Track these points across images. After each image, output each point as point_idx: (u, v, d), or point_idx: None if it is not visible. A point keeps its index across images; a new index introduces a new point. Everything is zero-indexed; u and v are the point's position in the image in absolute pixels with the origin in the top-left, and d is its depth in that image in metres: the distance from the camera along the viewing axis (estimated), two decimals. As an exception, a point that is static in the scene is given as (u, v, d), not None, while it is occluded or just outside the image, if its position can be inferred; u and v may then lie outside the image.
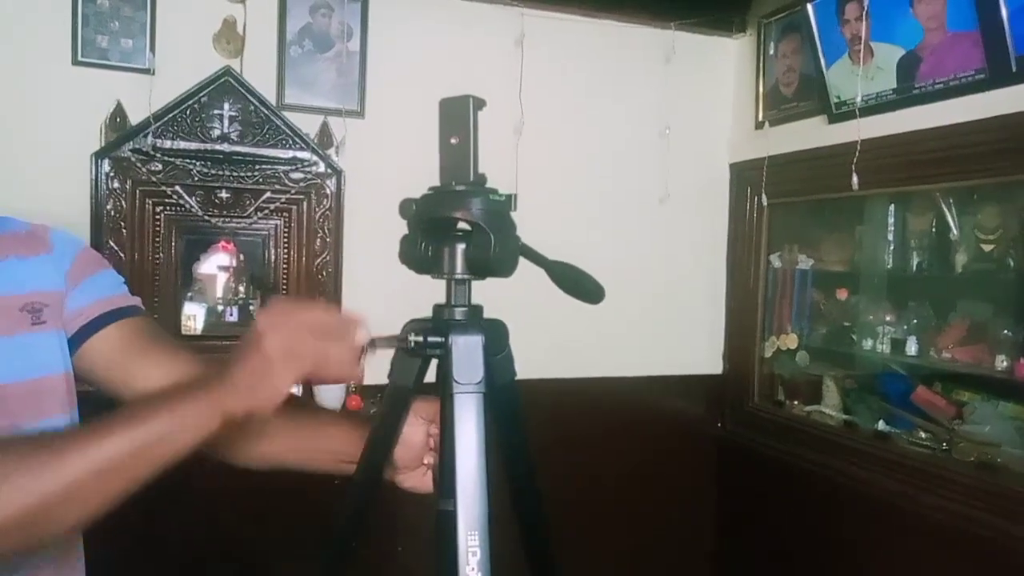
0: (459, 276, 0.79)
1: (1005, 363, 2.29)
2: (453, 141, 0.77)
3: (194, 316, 2.61)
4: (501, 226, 0.76)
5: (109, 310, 0.96)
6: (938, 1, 2.27)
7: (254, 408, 0.77)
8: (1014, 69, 2.09)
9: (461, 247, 0.78)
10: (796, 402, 3.05)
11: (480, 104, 0.76)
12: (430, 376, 0.81)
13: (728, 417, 3.27)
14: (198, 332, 2.63)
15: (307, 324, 0.76)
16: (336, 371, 0.78)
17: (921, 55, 2.37)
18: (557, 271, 0.84)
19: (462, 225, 0.77)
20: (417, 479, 0.98)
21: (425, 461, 0.97)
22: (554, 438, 2.95)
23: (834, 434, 2.77)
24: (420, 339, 0.76)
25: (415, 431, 0.93)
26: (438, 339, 0.77)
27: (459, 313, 0.79)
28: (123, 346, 0.95)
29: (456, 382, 0.76)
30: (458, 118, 0.77)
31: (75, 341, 0.94)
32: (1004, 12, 2.07)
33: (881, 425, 2.66)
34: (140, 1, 2.51)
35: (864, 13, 2.47)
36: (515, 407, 0.81)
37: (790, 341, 3.05)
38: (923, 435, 2.51)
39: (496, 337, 0.79)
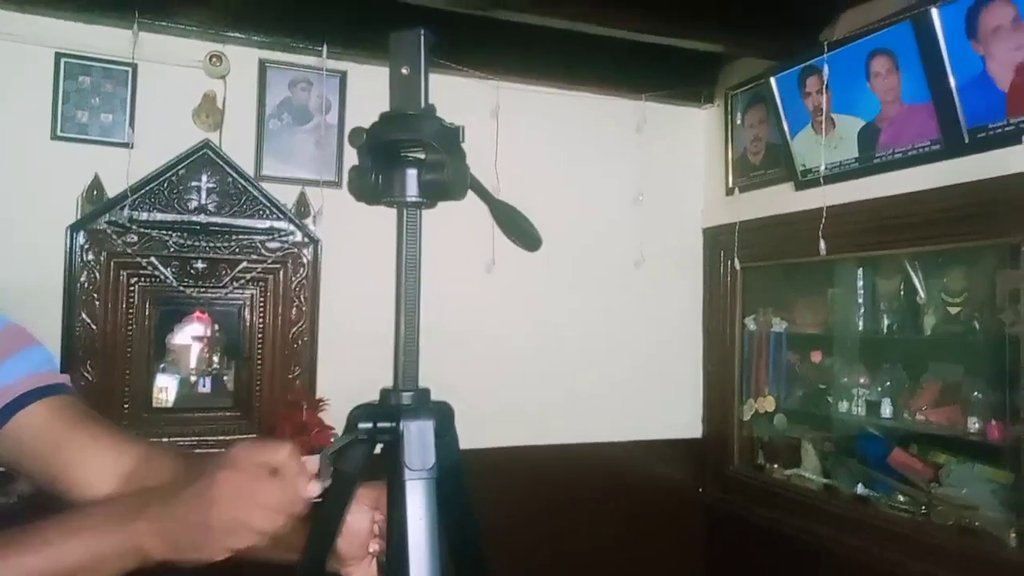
0: (411, 199, 0.77)
1: (978, 425, 2.30)
2: (404, 71, 0.77)
3: (166, 388, 2.58)
4: (453, 149, 0.76)
5: (36, 387, 0.90)
6: (893, 76, 2.37)
7: (174, 560, 0.72)
8: (967, 140, 2.18)
9: (413, 172, 0.77)
10: (776, 465, 3.03)
11: (430, 39, 0.77)
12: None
13: (710, 482, 3.24)
14: (170, 404, 2.60)
15: (265, 492, 0.72)
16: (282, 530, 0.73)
17: (880, 126, 2.46)
18: (500, 211, 0.83)
19: (414, 155, 0.76)
20: (363, 569, 0.93)
21: (370, 550, 0.92)
22: (534, 506, 2.92)
23: (815, 498, 2.75)
24: (370, 425, 0.76)
25: (359, 519, 0.89)
26: (388, 424, 0.76)
27: (408, 397, 0.79)
28: (51, 426, 0.89)
29: (408, 468, 0.75)
30: (409, 50, 0.77)
31: None
32: (953, 86, 2.16)
33: (860, 488, 2.64)
34: (122, 77, 2.57)
35: (824, 86, 2.57)
36: (461, 490, 0.80)
37: (768, 404, 3.06)
38: (902, 498, 2.50)
39: (443, 420, 0.79)
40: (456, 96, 2.86)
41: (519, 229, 0.85)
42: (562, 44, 2.77)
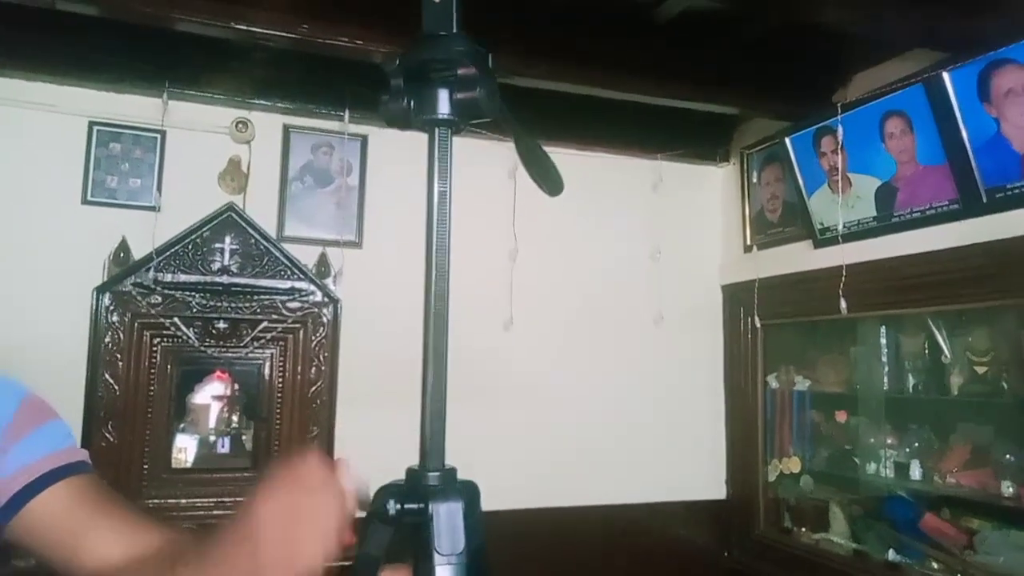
0: (443, 116, 0.77)
1: (1011, 489, 2.24)
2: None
3: (185, 448, 2.57)
4: (483, 69, 0.76)
5: (56, 467, 0.87)
6: (907, 136, 2.39)
7: None
8: (985, 200, 2.18)
9: (444, 91, 0.77)
10: (803, 529, 2.95)
11: None
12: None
13: (735, 545, 3.15)
14: (189, 465, 2.59)
15: (310, 514, 0.71)
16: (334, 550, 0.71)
17: (897, 186, 2.47)
18: (526, 146, 0.82)
19: (445, 74, 0.76)
20: None
21: None
22: (554, 571, 2.85)
23: (845, 564, 2.67)
24: (398, 507, 0.75)
25: None
26: (416, 506, 0.75)
27: (435, 478, 0.78)
28: (70, 510, 0.86)
29: (439, 554, 0.74)
30: None
31: (16, 502, 0.85)
32: (969, 148, 2.18)
33: (891, 555, 2.56)
34: (151, 143, 2.65)
35: (839, 146, 2.59)
36: (485, 571, 0.78)
37: (793, 465, 2.99)
38: (935, 565, 2.41)
39: (470, 500, 0.78)
40: (475, 157, 2.92)
41: (543, 170, 0.85)
42: (578, 106, 2.82)
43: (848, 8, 2.07)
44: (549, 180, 0.86)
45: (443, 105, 0.78)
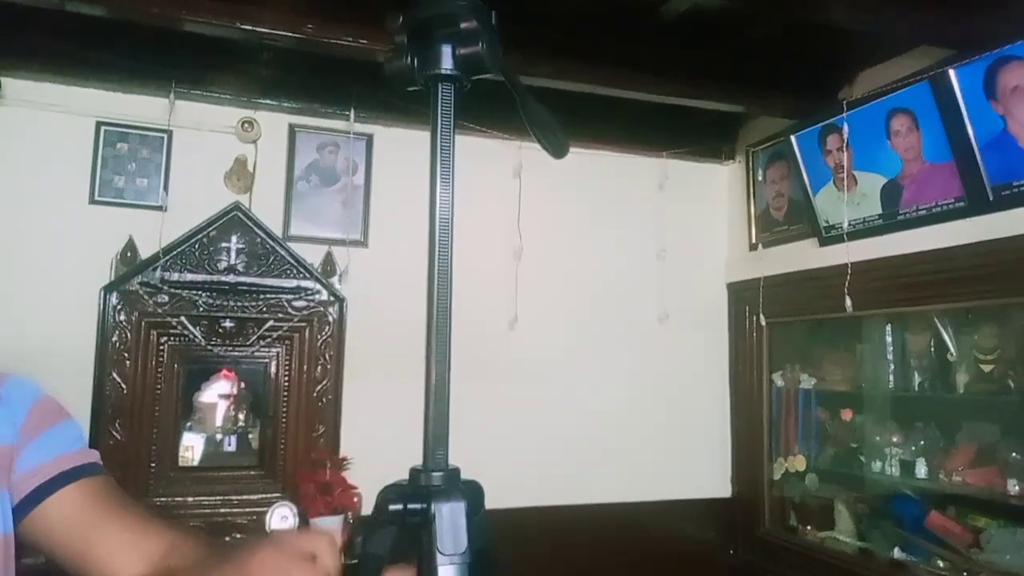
0: (446, 71, 0.77)
1: (1017, 488, 2.23)
2: None
3: (192, 447, 2.59)
4: (488, 23, 0.76)
5: (68, 468, 0.89)
6: (913, 134, 2.38)
7: None
8: (991, 198, 2.17)
9: (447, 47, 0.77)
10: (809, 527, 2.95)
11: None
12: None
13: (741, 543, 3.15)
14: (196, 463, 2.61)
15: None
16: None
17: (902, 183, 2.46)
18: (530, 107, 0.82)
19: (448, 29, 0.76)
20: None
21: None
22: (559, 569, 2.86)
23: (850, 562, 2.67)
24: (400, 507, 0.76)
25: None
26: (418, 506, 0.76)
27: (438, 478, 0.79)
28: (81, 512, 0.87)
29: (440, 553, 0.74)
30: None
31: (28, 503, 0.86)
32: (975, 145, 2.17)
33: (897, 553, 2.56)
34: (157, 143, 2.66)
35: (845, 144, 2.59)
36: (491, 571, 0.78)
37: (798, 463, 2.99)
38: (941, 564, 2.41)
39: (474, 500, 0.78)
40: (480, 157, 2.95)
41: (548, 131, 0.85)
42: (583, 105, 2.82)
43: (854, 7, 2.06)
44: (554, 141, 0.86)
45: (446, 60, 0.78)
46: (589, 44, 2.48)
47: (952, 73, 2.18)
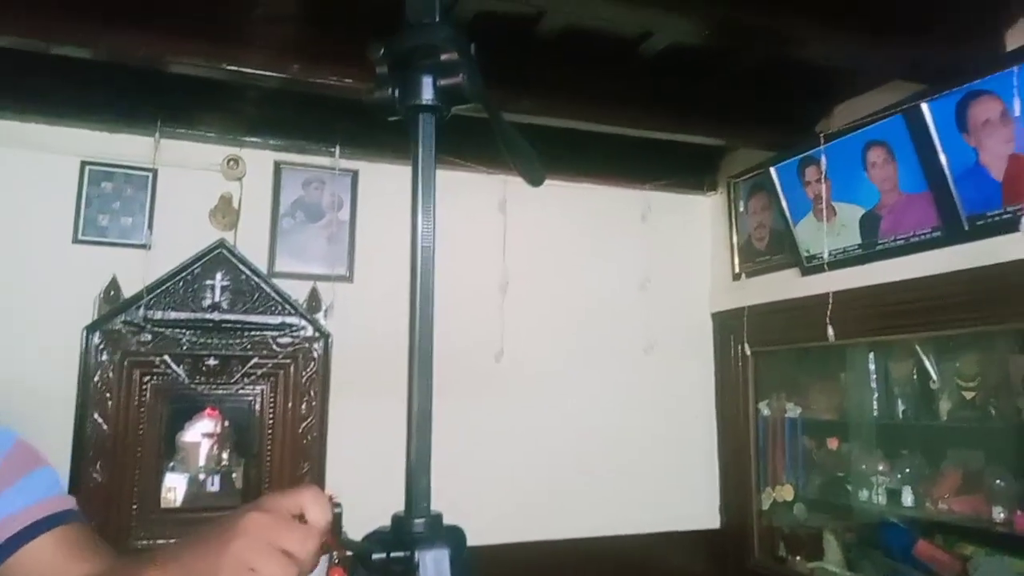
0: (427, 102, 0.78)
1: (1003, 515, 2.24)
2: None
3: (175, 488, 2.55)
4: (468, 55, 0.77)
5: (43, 516, 0.87)
6: (889, 165, 2.43)
7: None
8: (966, 227, 2.21)
9: (428, 78, 0.78)
10: (798, 558, 2.93)
11: None
12: None
13: (731, 575, 3.13)
14: (178, 504, 2.57)
15: (288, 535, 0.70)
16: None
17: (880, 213, 2.51)
18: (508, 135, 0.83)
19: (429, 60, 0.77)
20: None
21: None
22: (548, 605, 2.83)
23: (841, 593, 2.66)
24: (383, 556, 0.75)
25: None
26: (401, 554, 0.76)
27: (421, 524, 0.78)
28: (58, 559, 0.86)
29: (426, 600, 0.74)
30: None
31: (2, 553, 0.84)
32: (949, 177, 2.22)
33: (887, 583, 2.55)
34: (142, 182, 2.67)
35: (823, 176, 2.63)
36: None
37: (786, 492, 2.99)
38: (931, 594, 2.40)
39: (457, 546, 0.78)
40: (465, 191, 2.97)
41: (525, 159, 0.86)
42: (567, 138, 2.85)
43: (828, 44, 2.11)
44: (531, 169, 0.88)
45: (427, 91, 0.80)
46: (571, 79, 2.52)
47: (925, 107, 2.24)
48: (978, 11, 2.12)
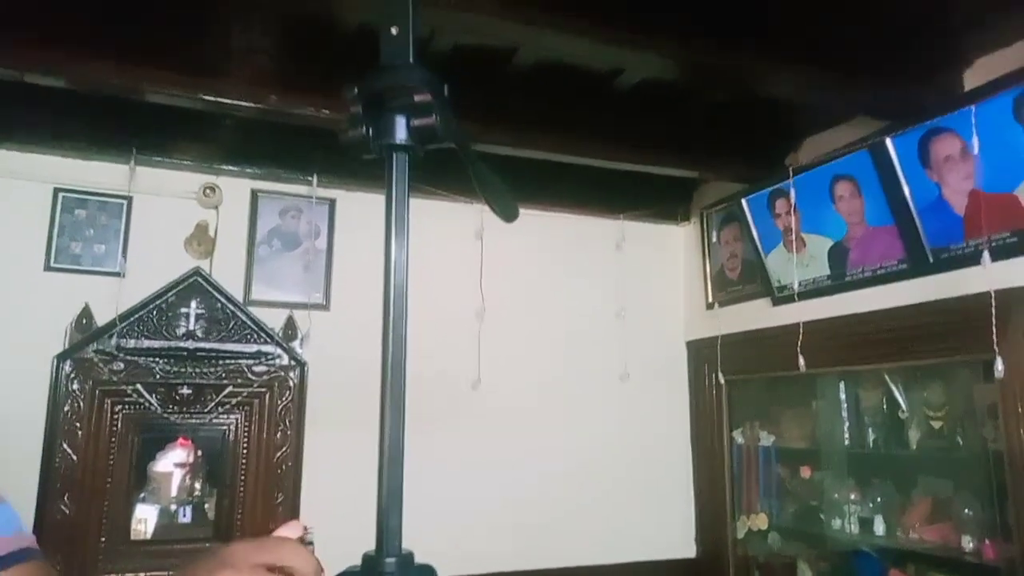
0: (400, 142, 0.79)
1: (972, 544, 2.27)
2: (393, 31, 0.81)
3: (145, 520, 2.51)
4: (442, 96, 0.79)
5: (2, 555, 0.87)
6: (856, 199, 2.49)
7: None
8: (931, 260, 2.27)
9: (402, 118, 0.79)
10: (773, 586, 2.94)
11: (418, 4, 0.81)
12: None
13: (706, 605, 3.13)
14: (148, 537, 2.53)
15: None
16: None
17: (848, 245, 2.56)
18: (481, 173, 0.84)
19: (402, 101, 0.78)
20: None
21: None
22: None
23: (815, 622, 2.67)
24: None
25: None
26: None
27: (391, 564, 0.79)
28: None
29: (397, 642, 0.74)
30: (398, 11, 0.82)
31: None
32: (914, 210, 2.28)
33: (860, 612, 2.56)
34: (117, 209, 2.66)
35: (792, 208, 2.69)
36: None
37: (760, 521, 3.01)
38: (903, 622, 2.42)
39: (428, 586, 0.78)
40: (442, 219, 2.99)
41: (498, 196, 0.88)
42: (542, 168, 2.89)
43: (792, 83, 2.18)
44: (504, 206, 0.90)
45: (400, 131, 0.82)
46: (546, 111, 2.57)
47: (889, 142, 2.30)
48: (937, 52, 2.20)
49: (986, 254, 2.02)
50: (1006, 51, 2.11)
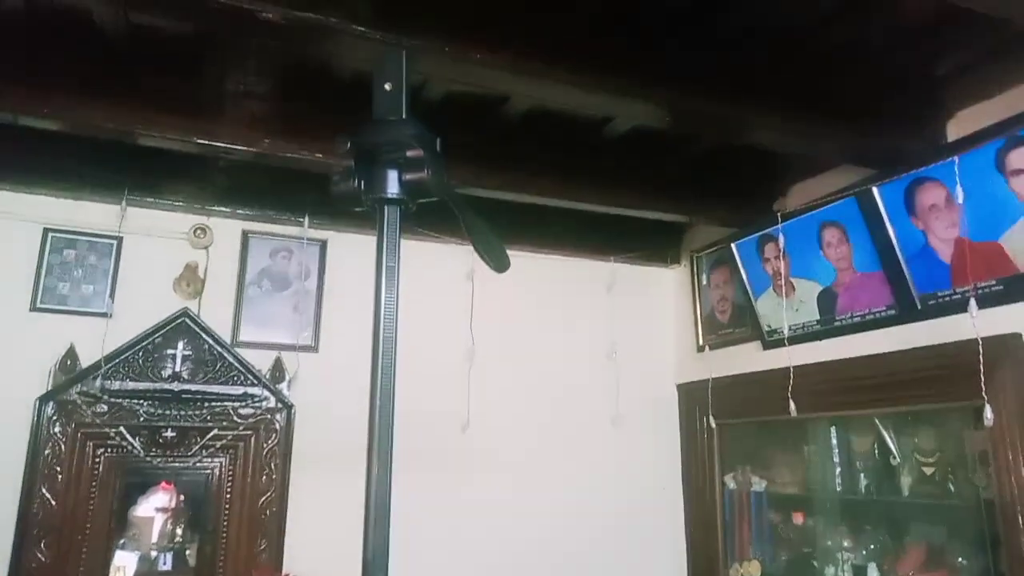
0: (392, 196, 0.78)
1: (966, 593, 2.24)
2: (387, 87, 0.81)
3: (123, 567, 2.44)
4: (434, 151, 0.78)
5: None
6: (844, 245, 2.52)
7: None
8: (919, 307, 2.28)
9: (394, 172, 0.79)
10: (767, 637, 2.88)
11: (411, 54, 0.82)
12: None
13: (699, 655, 3.06)
14: (126, 585, 2.45)
15: None
16: None
17: (837, 291, 2.58)
18: (473, 224, 0.84)
19: (394, 155, 0.78)
20: None
21: None
22: None
23: (809, 674, 2.61)
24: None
25: None
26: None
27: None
28: None
29: None
30: (392, 68, 0.82)
31: None
32: (901, 257, 2.30)
33: (855, 663, 2.51)
34: (106, 250, 2.64)
35: (781, 253, 2.71)
36: None
37: (753, 569, 2.96)
38: (899, 675, 2.37)
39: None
40: (434, 261, 2.99)
41: (489, 246, 0.89)
42: (534, 211, 2.90)
43: (779, 131, 2.21)
44: (496, 257, 0.91)
45: (392, 185, 0.84)
46: (538, 156, 2.59)
47: (875, 190, 2.34)
48: (921, 104, 2.24)
49: (973, 302, 2.03)
50: (988, 103, 2.16)
